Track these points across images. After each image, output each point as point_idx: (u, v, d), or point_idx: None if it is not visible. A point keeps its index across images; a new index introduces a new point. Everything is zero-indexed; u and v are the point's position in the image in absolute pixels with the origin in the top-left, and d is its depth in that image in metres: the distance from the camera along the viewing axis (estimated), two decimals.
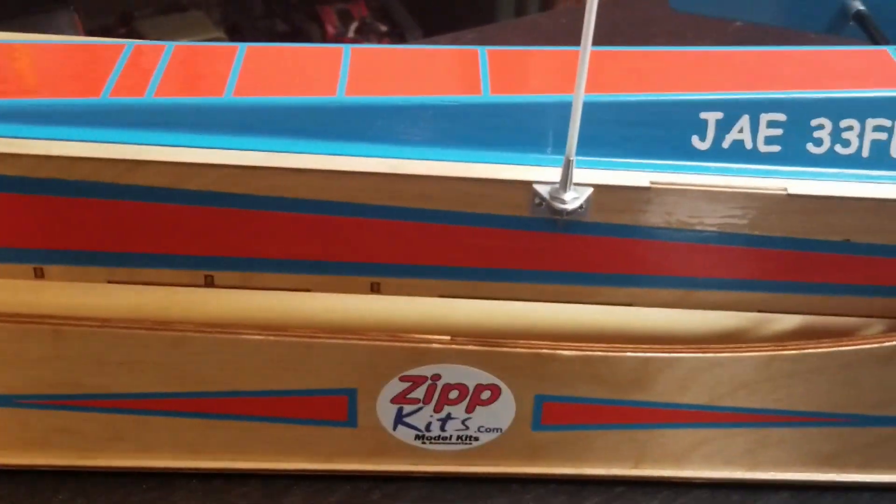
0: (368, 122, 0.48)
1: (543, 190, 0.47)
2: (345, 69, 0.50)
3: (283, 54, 0.52)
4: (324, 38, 2.05)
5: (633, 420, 0.53)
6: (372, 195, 0.48)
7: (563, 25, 1.07)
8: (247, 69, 0.50)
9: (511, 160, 0.49)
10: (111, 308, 0.50)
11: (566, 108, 0.45)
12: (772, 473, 0.55)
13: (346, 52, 0.52)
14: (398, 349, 0.50)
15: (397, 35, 2.09)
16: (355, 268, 0.51)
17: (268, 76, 0.50)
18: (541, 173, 0.48)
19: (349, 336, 0.50)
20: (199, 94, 0.48)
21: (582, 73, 0.43)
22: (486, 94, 0.49)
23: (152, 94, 0.48)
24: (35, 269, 0.49)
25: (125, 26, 1.55)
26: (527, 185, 0.48)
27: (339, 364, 0.50)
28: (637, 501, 0.55)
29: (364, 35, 2.09)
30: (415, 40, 2.13)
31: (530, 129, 0.49)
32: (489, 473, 0.55)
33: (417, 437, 0.53)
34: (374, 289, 0.51)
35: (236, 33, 1.77)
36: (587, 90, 0.45)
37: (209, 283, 0.50)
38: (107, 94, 0.48)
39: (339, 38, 2.04)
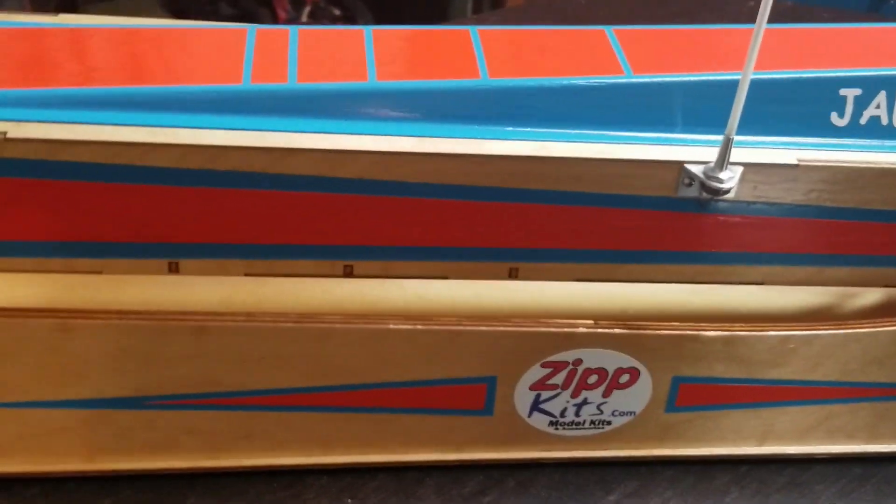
0: (514, 105, 0.47)
1: (697, 170, 0.47)
2: (479, 50, 0.49)
3: (410, 37, 0.51)
4: (276, 22, 2.03)
5: (762, 399, 0.53)
6: (520, 179, 0.47)
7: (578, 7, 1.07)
8: (381, 53, 0.49)
9: (651, 140, 0.49)
10: (249, 302, 0.49)
11: (712, 86, 0.45)
12: (891, 445, 0.56)
13: (475, 33, 0.51)
14: (542, 335, 0.49)
15: (349, 20, 2.07)
16: (494, 253, 0.50)
17: (405, 59, 0.49)
18: (689, 153, 0.48)
19: (495, 323, 0.49)
20: (341, 80, 0.47)
21: (753, 50, 0.43)
22: (629, 73, 0.48)
23: (294, 79, 0.46)
24: (170, 263, 0.47)
25: (72, 12, 1.51)
26: (676, 166, 0.47)
27: (484, 352, 0.50)
28: (764, 480, 0.55)
29: (317, 20, 2.06)
30: (364, 21, 2.11)
31: (674, 108, 0.48)
32: (620, 457, 0.55)
33: (551, 423, 0.53)
34: (512, 274, 0.50)
35: (182, 17, 1.73)
36: (730, 69, 0.45)
37: (348, 273, 0.49)
38: (248, 81, 0.46)
39: (292, 23, 2.01)
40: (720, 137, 0.47)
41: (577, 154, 0.47)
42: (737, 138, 0.49)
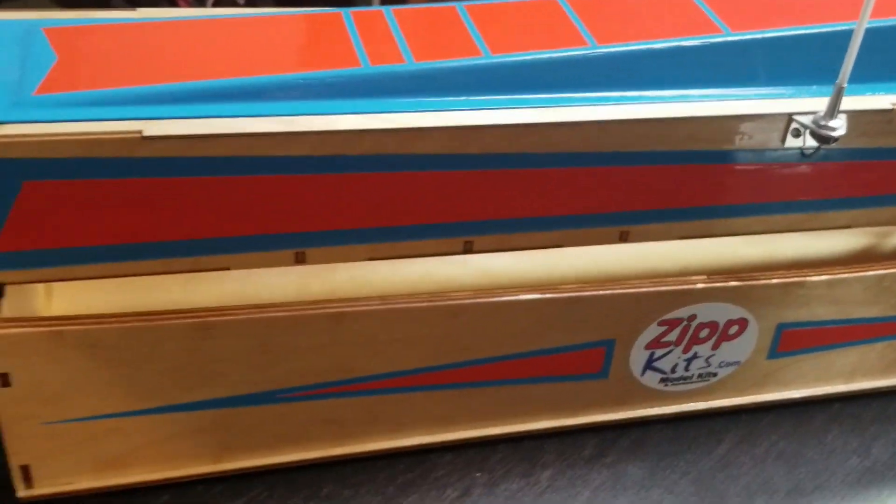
0: (623, 70, 0.48)
1: (806, 120, 0.48)
2: (576, 19, 0.50)
3: (503, 10, 0.51)
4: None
5: (854, 337, 0.56)
6: (637, 142, 0.48)
7: None
8: (483, 27, 0.49)
9: (749, 96, 0.50)
10: (374, 285, 0.49)
11: (804, 40, 0.46)
12: None
13: (564, 3, 0.51)
14: (660, 294, 0.51)
15: (251, 4, 2.04)
16: (606, 218, 0.50)
17: (509, 33, 0.49)
18: (793, 105, 0.49)
19: (615, 286, 0.50)
20: (457, 56, 0.47)
21: (869, 2, 0.44)
22: (727, 32, 0.49)
23: (412, 59, 0.46)
24: (297, 253, 0.47)
25: None
26: (784, 117, 0.49)
27: (604, 315, 0.50)
28: (856, 415, 0.57)
29: (223, 4, 2.03)
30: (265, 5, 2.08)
31: (770, 63, 0.50)
32: (724, 407, 0.56)
33: (662, 380, 0.54)
34: (623, 237, 0.51)
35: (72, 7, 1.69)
36: (818, 22, 0.46)
37: (468, 249, 0.49)
38: (367, 64, 0.46)
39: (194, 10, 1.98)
40: (812, 88, 0.49)
41: (693, 113, 0.48)
42: (825, 87, 0.50)
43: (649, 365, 0.53)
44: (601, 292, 0.50)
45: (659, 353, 0.53)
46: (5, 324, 0.42)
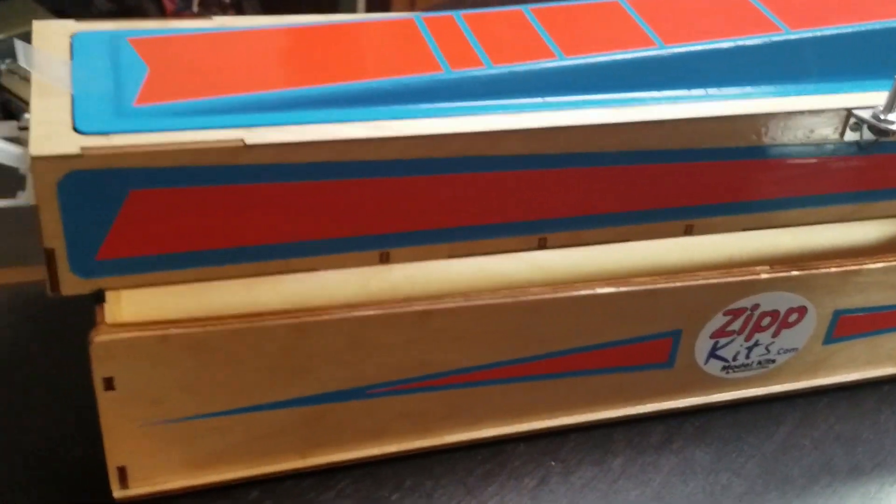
0: (689, 69, 0.50)
1: (865, 114, 0.50)
2: (640, 20, 0.51)
3: (569, 12, 0.53)
4: (163, 15, 1.99)
5: None
6: (704, 139, 0.49)
7: None
8: (553, 30, 0.50)
9: (806, 91, 0.52)
10: (455, 283, 0.50)
11: (862, 36, 0.48)
12: None
13: (626, 5, 0.53)
14: (727, 285, 0.52)
15: (237, 8, 2.04)
16: (670, 213, 0.52)
17: (578, 35, 0.50)
18: (851, 100, 0.51)
19: (686, 277, 0.52)
20: (533, 59, 0.48)
21: None
22: (787, 30, 0.51)
23: (490, 63, 0.48)
24: (381, 254, 0.48)
25: None
26: (843, 112, 0.51)
27: (674, 306, 0.52)
28: None
29: (207, 8, 2.03)
30: (253, 10, 2.09)
31: (827, 59, 0.52)
32: (781, 392, 0.58)
33: (724, 367, 0.56)
34: (688, 231, 0.53)
35: (63, 16, 1.69)
36: (869, 18, 0.48)
37: (542, 245, 0.51)
38: (448, 69, 0.47)
39: (181, 14, 1.98)
40: (868, 83, 0.51)
41: (758, 110, 0.49)
42: (881, 82, 0.52)
43: (713, 353, 0.55)
44: (673, 284, 0.51)
45: (723, 341, 0.55)
46: (111, 329, 0.44)
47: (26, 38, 0.47)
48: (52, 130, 0.41)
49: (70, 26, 0.49)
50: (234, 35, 0.49)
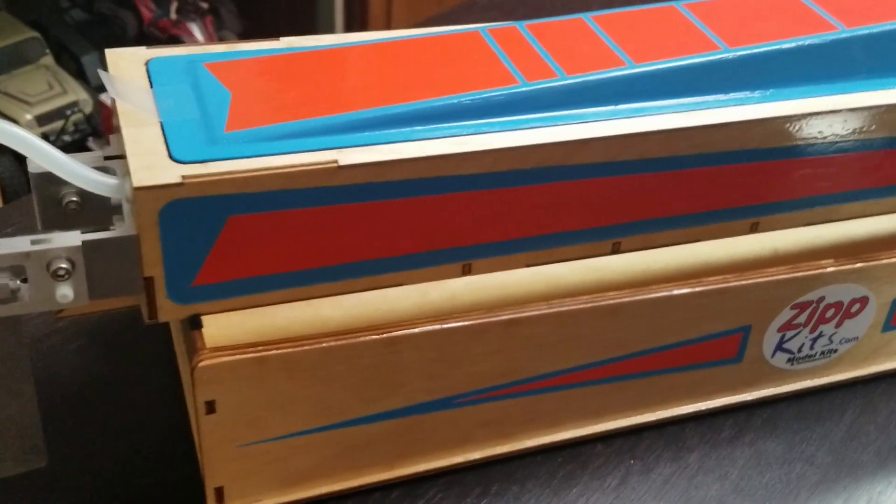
0: (756, 71, 0.51)
1: None
2: (701, 25, 0.52)
3: (628, 19, 0.53)
4: (141, 24, 1.98)
5: None
6: (780, 137, 0.51)
7: None
8: (619, 39, 0.51)
9: (864, 87, 0.53)
10: (536, 290, 0.51)
11: None
12: None
13: (684, 10, 0.54)
14: (795, 279, 0.54)
15: (214, 13, 2.04)
16: (738, 212, 0.53)
17: (643, 41, 0.51)
18: None
19: (756, 274, 0.53)
20: (605, 68, 0.49)
21: None
22: (843, 29, 0.52)
23: (564, 74, 0.48)
24: (463, 266, 0.49)
25: None
26: None
27: (745, 303, 0.53)
28: None
29: (186, 15, 2.03)
30: (230, 13, 2.09)
31: (887, 55, 0.53)
32: (842, 381, 0.59)
33: (789, 360, 0.57)
34: (753, 228, 0.54)
35: (39, 28, 1.69)
36: None
37: (615, 250, 0.52)
38: (524, 81, 0.48)
39: (159, 21, 1.98)
40: None
41: (827, 108, 0.50)
42: None
43: (779, 347, 0.56)
44: (745, 282, 0.52)
45: (789, 335, 0.56)
46: (212, 353, 0.44)
47: (4, 51, 0.47)
48: (150, 161, 0.42)
49: (142, 53, 0.49)
50: (306, 56, 0.50)
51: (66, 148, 1.74)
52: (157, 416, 0.54)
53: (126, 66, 0.48)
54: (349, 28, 2.04)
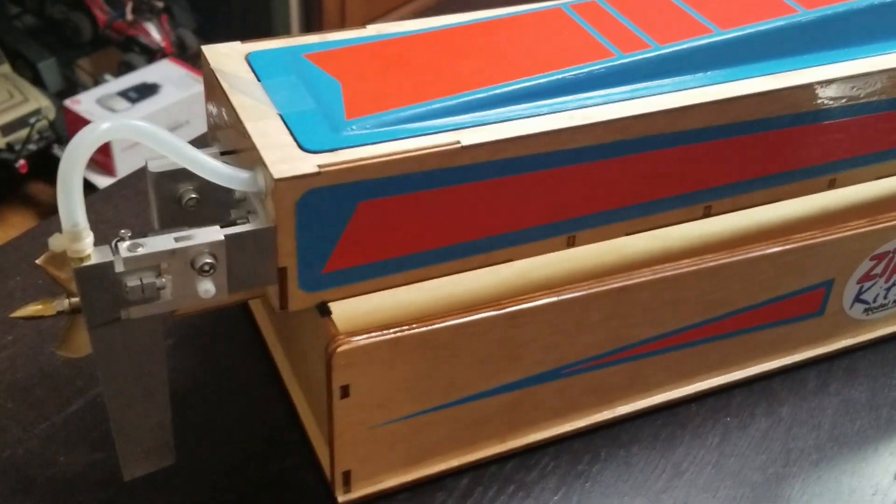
0: (831, 31, 0.53)
1: None
2: None
3: None
4: (96, 27, 1.96)
5: None
6: (860, 92, 0.52)
7: None
8: (698, 7, 0.52)
9: None
10: (637, 257, 0.52)
11: None
12: None
13: None
14: (874, 232, 0.55)
15: (169, 11, 2.03)
16: (818, 169, 0.55)
17: (724, 9, 0.52)
18: None
19: (840, 229, 0.55)
20: (694, 36, 0.50)
21: None
22: None
23: (656, 44, 0.50)
24: (568, 238, 0.50)
25: None
26: None
27: (831, 257, 0.55)
28: None
29: (142, 14, 2.01)
30: (183, 10, 2.08)
31: None
32: None
33: (865, 310, 0.59)
34: (831, 185, 0.56)
35: None
36: None
37: (707, 214, 0.53)
38: (620, 54, 0.49)
39: (115, 23, 1.96)
40: None
41: None
42: None
43: (857, 298, 0.58)
44: (831, 237, 0.54)
45: (867, 286, 0.58)
46: (347, 338, 0.45)
47: None
48: (283, 153, 0.42)
49: (239, 48, 0.49)
50: (401, 42, 0.50)
51: (32, 157, 1.73)
52: (259, 408, 0.55)
53: (227, 62, 0.48)
54: (306, 25, 2.05)
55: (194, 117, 1.83)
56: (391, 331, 0.46)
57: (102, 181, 1.73)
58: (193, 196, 0.46)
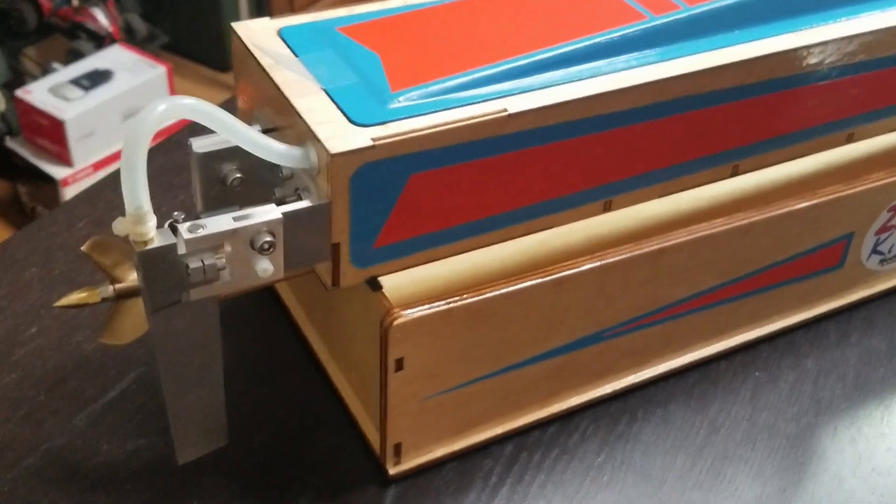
0: None
1: None
2: None
3: None
4: (41, 15, 1.93)
5: None
6: (879, 48, 0.53)
7: None
8: None
9: None
10: (667, 219, 0.53)
11: None
12: None
13: None
14: (893, 184, 0.57)
15: (118, 1, 2.00)
16: (836, 125, 0.56)
17: None
18: None
19: (862, 181, 0.56)
20: None
21: None
22: None
23: (685, 5, 0.50)
24: (605, 203, 0.51)
25: None
26: None
27: (854, 210, 0.56)
28: None
29: (89, 2, 1.98)
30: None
31: None
32: None
33: (881, 261, 0.61)
34: (849, 139, 0.57)
35: None
36: None
37: (734, 173, 0.54)
38: (652, 16, 0.49)
39: (61, 10, 1.93)
40: None
41: None
42: None
43: (874, 249, 0.60)
44: (856, 190, 0.56)
45: (883, 237, 0.59)
46: (399, 311, 0.45)
47: None
48: (334, 128, 0.42)
49: (269, 24, 0.49)
50: (434, 11, 0.50)
51: None
52: (297, 388, 0.55)
53: (260, 38, 0.48)
54: (256, 7, 2.03)
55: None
56: (443, 302, 0.46)
57: (59, 171, 1.70)
58: (238, 175, 0.46)
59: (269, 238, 0.41)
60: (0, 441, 0.51)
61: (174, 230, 0.40)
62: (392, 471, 0.50)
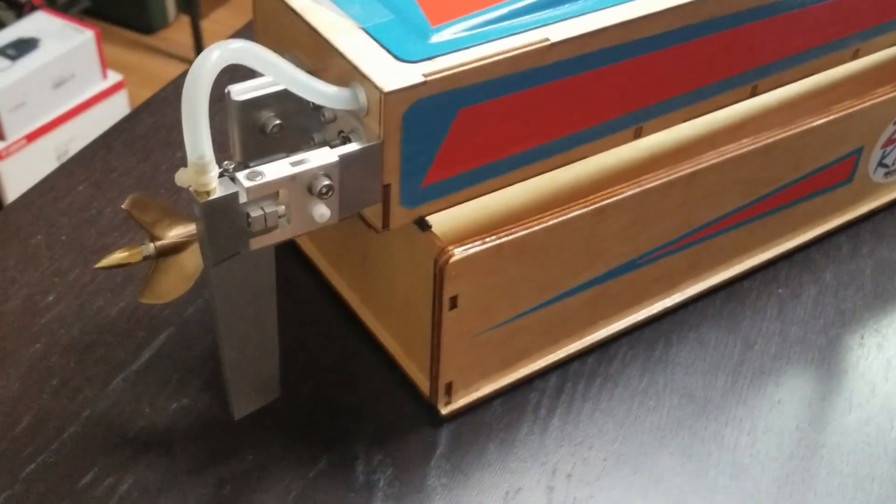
0: None
1: None
2: None
3: None
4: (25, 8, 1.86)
5: None
6: None
7: None
8: None
9: None
10: (692, 142, 0.54)
11: None
12: None
13: None
14: None
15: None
16: (842, 42, 0.57)
17: None
18: None
19: (872, 96, 0.57)
20: None
21: None
22: None
23: None
24: (636, 130, 0.51)
25: None
26: None
27: (865, 124, 0.58)
28: None
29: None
30: None
31: None
32: None
33: (886, 173, 0.62)
34: (854, 55, 0.58)
35: None
36: None
37: (754, 93, 0.54)
38: None
39: None
40: None
41: None
42: None
43: (880, 162, 0.61)
44: (865, 104, 0.56)
45: (888, 150, 0.61)
46: (452, 249, 0.45)
47: None
48: (382, 67, 0.41)
49: None
50: None
51: None
52: (331, 336, 0.54)
53: None
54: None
55: (80, 69, 1.75)
56: (493, 237, 0.46)
57: None
58: (277, 122, 0.44)
59: (327, 182, 0.40)
60: (36, 412, 0.50)
61: (233, 180, 0.39)
62: (444, 410, 0.50)
